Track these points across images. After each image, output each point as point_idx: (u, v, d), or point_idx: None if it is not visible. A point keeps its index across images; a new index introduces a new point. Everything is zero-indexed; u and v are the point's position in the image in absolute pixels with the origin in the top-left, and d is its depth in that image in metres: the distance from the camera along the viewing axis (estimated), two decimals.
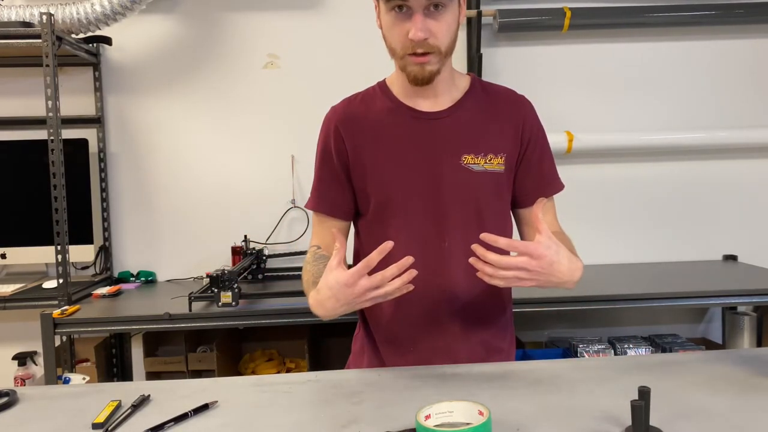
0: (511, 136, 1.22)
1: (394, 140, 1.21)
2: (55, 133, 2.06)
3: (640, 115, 2.61)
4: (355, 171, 1.23)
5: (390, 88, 1.26)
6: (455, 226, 1.19)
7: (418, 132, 1.21)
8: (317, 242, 1.28)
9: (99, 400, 1.02)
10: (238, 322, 2.02)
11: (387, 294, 1.00)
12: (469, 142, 1.20)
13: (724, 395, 0.97)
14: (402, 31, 1.12)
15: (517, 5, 2.49)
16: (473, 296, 1.22)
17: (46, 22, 2.03)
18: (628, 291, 2.10)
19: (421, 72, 1.14)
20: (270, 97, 2.55)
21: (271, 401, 1.01)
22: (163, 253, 2.57)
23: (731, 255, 2.63)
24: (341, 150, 1.24)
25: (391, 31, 1.14)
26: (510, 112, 1.24)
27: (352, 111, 1.25)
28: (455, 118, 1.22)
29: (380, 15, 1.17)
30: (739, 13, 2.49)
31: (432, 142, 1.20)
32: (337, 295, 1.02)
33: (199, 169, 2.55)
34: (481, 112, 1.23)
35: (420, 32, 1.09)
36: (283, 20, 2.53)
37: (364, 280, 0.99)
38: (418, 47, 1.12)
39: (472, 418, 0.84)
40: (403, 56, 1.14)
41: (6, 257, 2.37)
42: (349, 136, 1.23)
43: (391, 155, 1.20)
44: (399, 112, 1.23)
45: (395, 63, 1.20)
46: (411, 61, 1.14)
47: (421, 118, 1.22)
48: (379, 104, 1.25)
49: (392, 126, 1.22)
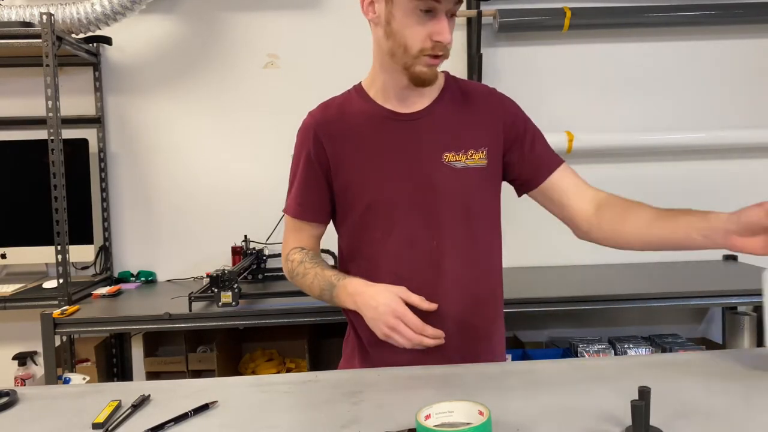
0: (491, 129, 1.23)
1: (374, 143, 1.21)
2: (55, 133, 2.06)
3: (640, 115, 2.61)
4: (337, 177, 1.23)
5: (366, 90, 1.26)
6: (443, 225, 1.20)
7: (397, 133, 1.21)
8: (296, 244, 1.30)
9: (99, 400, 1.02)
10: (238, 322, 2.01)
11: (406, 341, 1.08)
12: (449, 139, 1.21)
13: (724, 395, 0.97)
14: (425, 32, 1.12)
15: (517, 5, 2.49)
16: (465, 295, 1.22)
17: (46, 22, 2.03)
18: (628, 291, 2.09)
19: (430, 73, 1.16)
20: (270, 97, 2.55)
21: (271, 401, 1.01)
22: (163, 253, 2.56)
23: (731, 255, 2.62)
24: (321, 156, 1.24)
25: (411, 29, 1.12)
26: (486, 105, 1.25)
27: (330, 116, 1.25)
28: (433, 117, 1.22)
29: (392, 12, 1.13)
30: (740, 13, 2.49)
31: (412, 143, 1.21)
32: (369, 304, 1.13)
33: (199, 169, 2.55)
34: (458, 109, 1.24)
35: (449, 35, 1.13)
36: (283, 20, 2.53)
37: (402, 327, 1.08)
38: (440, 49, 1.13)
39: (472, 418, 0.84)
40: (417, 56, 1.14)
41: (6, 257, 2.37)
42: (329, 141, 1.23)
43: (373, 158, 1.21)
44: (377, 114, 1.23)
45: (384, 62, 1.19)
46: (425, 62, 1.14)
47: (399, 119, 1.22)
48: (357, 108, 1.25)
49: (371, 129, 1.22)
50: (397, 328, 1.08)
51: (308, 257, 1.26)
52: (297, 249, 1.29)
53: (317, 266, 1.23)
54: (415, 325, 1.08)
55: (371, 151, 1.21)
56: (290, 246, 1.31)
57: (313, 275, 1.22)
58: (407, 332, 1.07)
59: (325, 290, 1.20)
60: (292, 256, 1.29)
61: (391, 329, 1.08)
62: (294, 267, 1.27)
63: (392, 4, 1.13)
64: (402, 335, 1.08)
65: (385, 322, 1.09)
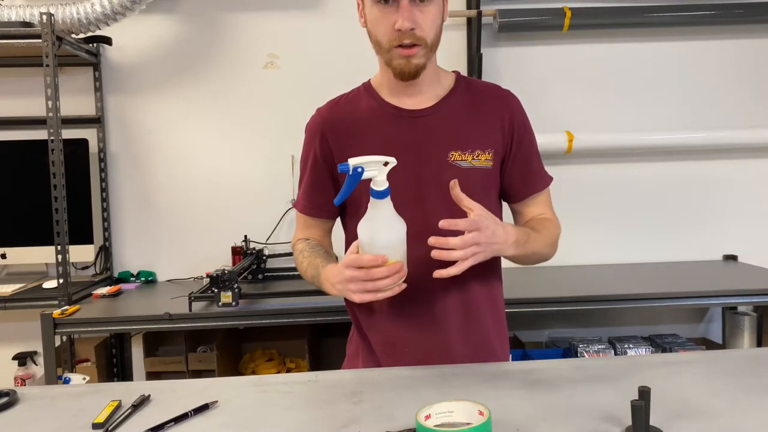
0: (498, 131, 1.22)
1: (379, 140, 1.21)
2: (55, 133, 2.06)
3: (640, 115, 2.61)
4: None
5: (375, 87, 1.27)
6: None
7: (403, 130, 1.21)
8: (304, 236, 1.32)
9: (99, 400, 1.02)
10: (238, 322, 2.02)
11: (376, 291, 1.03)
12: (456, 138, 1.20)
13: (724, 395, 0.97)
14: (388, 23, 1.12)
15: (517, 5, 2.49)
16: (465, 294, 1.22)
17: (46, 22, 2.03)
18: (628, 291, 2.09)
19: (407, 65, 1.15)
20: (270, 97, 2.55)
21: (271, 401, 1.01)
22: (163, 253, 2.57)
23: (731, 255, 2.63)
24: (327, 152, 1.25)
25: (376, 24, 1.14)
26: (496, 106, 1.24)
27: (337, 113, 1.26)
28: (441, 115, 1.22)
29: (364, 11, 1.17)
30: (739, 13, 2.49)
31: (418, 140, 1.20)
32: (334, 283, 1.10)
33: (199, 168, 2.55)
34: (467, 108, 1.23)
35: (407, 21, 1.10)
36: (283, 20, 2.53)
37: (348, 271, 1.04)
38: (405, 38, 1.12)
39: (472, 418, 0.84)
40: (389, 49, 1.15)
41: (6, 257, 2.37)
42: (335, 138, 1.24)
43: (377, 154, 1.21)
44: (383, 111, 1.23)
45: (380, 59, 1.20)
46: (398, 54, 1.14)
47: (406, 116, 1.22)
48: (364, 104, 1.25)
49: (377, 125, 1.23)
50: (351, 276, 1.03)
51: (308, 247, 1.27)
52: (302, 240, 1.31)
53: (312, 255, 1.24)
54: (357, 273, 1.02)
55: (376, 147, 1.20)
56: (296, 238, 1.34)
57: (307, 264, 1.24)
58: (357, 277, 1.03)
59: (315, 278, 1.21)
60: (297, 247, 1.31)
61: (346, 282, 1.04)
62: (296, 257, 1.30)
63: (362, 5, 1.18)
64: (356, 279, 1.03)
65: (340, 281, 1.06)
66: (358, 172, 0.97)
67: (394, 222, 1.04)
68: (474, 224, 1.04)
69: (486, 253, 1.07)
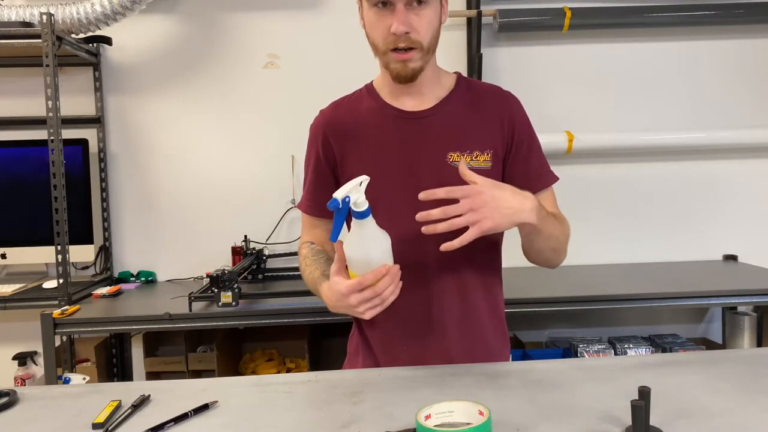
0: (497, 132, 1.22)
1: (379, 141, 1.22)
2: (55, 133, 2.06)
3: (640, 115, 2.61)
4: (343, 173, 1.25)
5: (376, 89, 1.28)
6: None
7: (403, 131, 1.22)
8: (309, 239, 1.33)
9: (99, 400, 1.02)
10: (238, 322, 2.01)
11: (383, 302, 1.03)
12: (455, 139, 1.21)
13: (724, 395, 0.97)
14: (384, 27, 1.13)
15: (517, 5, 2.49)
16: (463, 294, 1.22)
17: (46, 22, 2.03)
18: (628, 291, 2.09)
19: (403, 69, 1.15)
20: (270, 97, 2.55)
21: (271, 401, 1.01)
22: (163, 253, 2.57)
23: (731, 255, 2.63)
24: (329, 154, 1.26)
25: (373, 27, 1.15)
26: (496, 107, 1.24)
27: (338, 114, 1.28)
28: (440, 116, 1.22)
29: (363, 13, 1.18)
30: (739, 13, 2.49)
31: (417, 141, 1.21)
32: (335, 305, 1.08)
33: (199, 169, 2.55)
34: (467, 109, 1.23)
35: (402, 25, 1.10)
36: (283, 20, 2.53)
37: (354, 297, 1.02)
38: (401, 42, 1.12)
39: (472, 418, 0.84)
40: (385, 52, 1.15)
41: (6, 257, 2.37)
42: (336, 140, 1.25)
43: (377, 155, 1.22)
44: (384, 112, 1.24)
45: (379, 61, 1.21)
46: (394, 58, 1.15)
47: (405, 117, 1.23)
48: (365, 105, 1.26)
49: (377, 126, 1.23)
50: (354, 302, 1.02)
51: (311, 254, 1.27)
52: (307, 243, 1.32)
53: (314, 264, 1.24)
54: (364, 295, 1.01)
55: (376, 148, 1.22)
56: (303, 240, 1.35)
57: (308, 273, 1.24)
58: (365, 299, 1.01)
59: (315, 292, 1.22)
60: (301, 252, 1.32)
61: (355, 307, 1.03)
62: (300, 262, 1.30)
63: (361, 7, 1.18)
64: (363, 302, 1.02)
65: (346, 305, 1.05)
66: (346, 202, 0.97)
67: (380, 235, 1.04)
68: (464, 191, 1.02)
69: (494, 219, 1.02)
